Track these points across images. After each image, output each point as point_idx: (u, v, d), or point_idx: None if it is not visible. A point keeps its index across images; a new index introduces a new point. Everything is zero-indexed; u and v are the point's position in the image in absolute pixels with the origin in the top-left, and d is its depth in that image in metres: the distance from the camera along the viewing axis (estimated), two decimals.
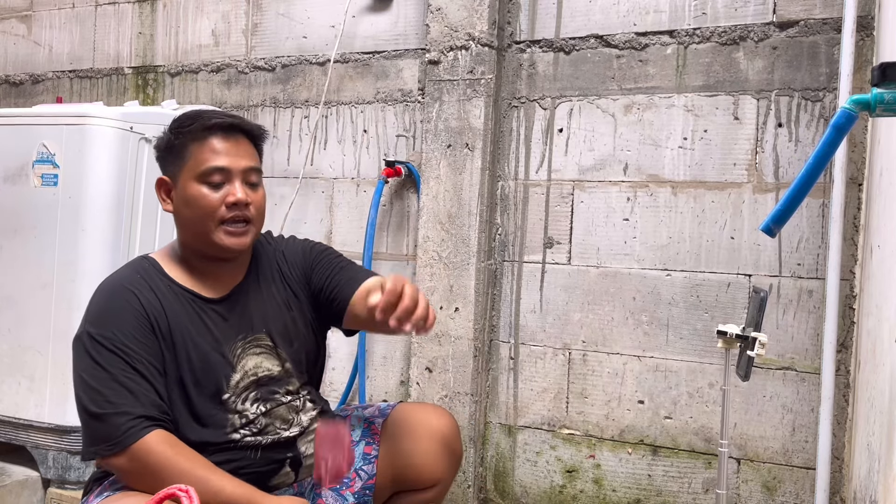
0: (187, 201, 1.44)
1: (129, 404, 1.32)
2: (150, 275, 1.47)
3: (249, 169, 1.46)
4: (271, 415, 1.49)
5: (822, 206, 2.08)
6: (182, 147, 1.44)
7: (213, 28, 2.92)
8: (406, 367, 2.54)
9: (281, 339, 1.53)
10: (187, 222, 1.46)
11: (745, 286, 2.16)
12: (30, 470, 2.40)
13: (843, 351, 2.03)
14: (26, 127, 2.42)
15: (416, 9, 2.56)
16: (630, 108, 2.29)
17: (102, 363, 1.35)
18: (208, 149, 1.43)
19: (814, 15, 2.09)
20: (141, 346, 1.37)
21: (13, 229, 2.41)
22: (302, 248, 1.64)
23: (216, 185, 1.43)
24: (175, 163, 1.46)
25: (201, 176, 1.42)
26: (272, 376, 1.51)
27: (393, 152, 2.60)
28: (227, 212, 1.43)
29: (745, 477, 2.17)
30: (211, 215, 1.42)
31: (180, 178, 1.45)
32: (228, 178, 1.44)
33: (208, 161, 1.42)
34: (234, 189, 1.43)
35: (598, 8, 2.33)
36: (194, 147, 1.43)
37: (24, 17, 3.33)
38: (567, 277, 2.37)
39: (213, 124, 1.44)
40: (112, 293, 1.43)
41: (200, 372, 1.43)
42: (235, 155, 1.45)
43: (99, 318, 1.39)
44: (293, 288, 1.59)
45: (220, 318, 1.48)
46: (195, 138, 1.44)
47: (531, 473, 2.41)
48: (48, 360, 2.33)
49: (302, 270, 1.60)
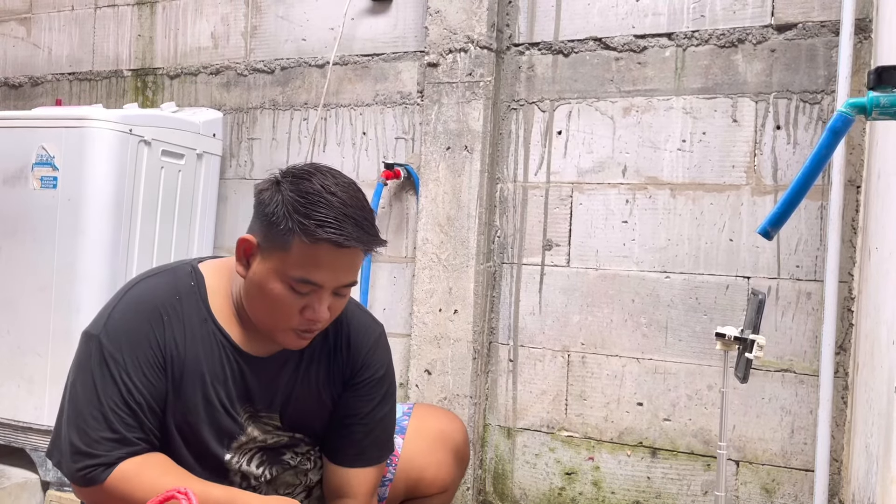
0: (264, 293, 1.25)
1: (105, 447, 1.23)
2: (190, 300, 1.31)
3: (346, 285, 1.28)
4: (276, 482, 1.41)
5: (820, 209, 2.08)
6: (287, 234, 1.21)
7: (213, 30, 2.92)
8: (405, 370, 2.54)
9: (294, 423, 1.41)
10: (255, 306, 1.29)
11: (743, 288, 2.16)
12: (29, 472, 2.40)
13: (842, 353, 2.03)
14: (25, 129, 2.42)
15: (415, 11, 2.57)
16: (629, 111, 2.30)
17: (98, 387, 1.24)
18: (313, 258, 1.21)
19: (812, 17, 2.09)
20: (145, 382, 1.26)
21: (12, 232, 2.41)
22: (368, 347, 1.44)
23: (303, 293, 1.24)
24: (271, 241, 1.23)
25: (291, 280, 1.22)
26: (280, 444, 1.42)
27: (392, 155, 2.60)
28: (301, 322, 1.26)
29: (744, 479, 2.17)
30: (283, 321, 1.26)
31: (269, 261, 1.24)
32: (318, 291, 1.24)
33: (307, 273, 1.22)
34: (319, 307, 1.25)
35: (596, 10, 2.34)
36: (301, 245, 1.20)
37: (24, 19, 3.33)
38: (566, 280, 2.37)
39: (332, 239, 1.20)
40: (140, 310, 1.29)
41: (205, 425, 1.32)
42: (337, 271, 1.24)
43: (116, 333, 1.27)
44: (334, 376, 1.42)
45: (242, 376, 1.34)
46: (307, 235, 1.20)
47: (530, 476, 2.41)
48: (47, 362, 2.33)
49: (349, 371, 1.43)
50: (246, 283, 1.29)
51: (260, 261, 1.25)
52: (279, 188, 1.25)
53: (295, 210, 1.20)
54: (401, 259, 2.59)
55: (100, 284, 2.33)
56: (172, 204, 2.59)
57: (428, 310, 2.43)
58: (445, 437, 1.63)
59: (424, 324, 2.43)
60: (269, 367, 1.36)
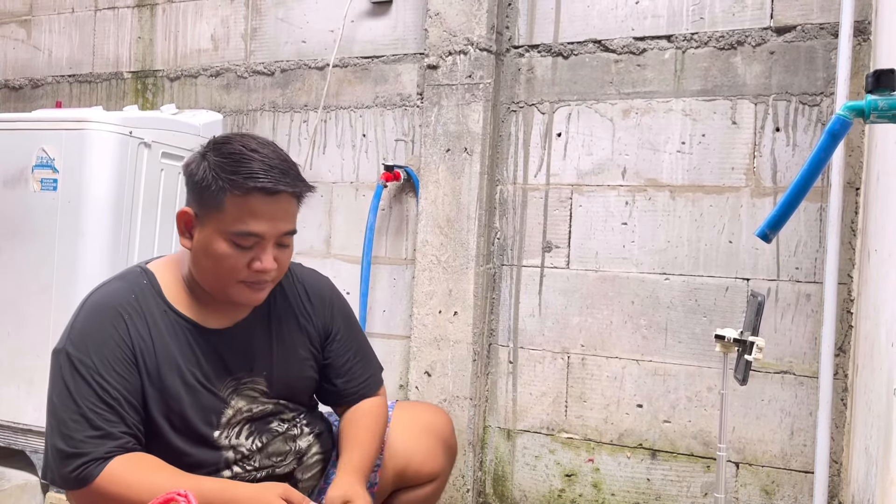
0: (209, 254, 1.31)
1: (91, 445, 1.24)
2: (146, 295, 1.36)
3: (285, 233, 1.35)
4: (267, 449, 1.43)
5: (819, 210, 2.08)
6: (219, 193, 1.28)
7: (213, 33, 2.93)
8: (405, 371, 2.54)
9: (280, 384, 1.46)
10: (204, 270, 1.34)
11: (743, 290, 2.17)
12: (29, 474, 2.40)
13: (841, 355, 2.03)
14: (26, 132, 2.42)
15: (415, 14, 2.57)
16: (628, 113, 2.30)
17: (74, 392, 1.27)
18: (248, 209, 1.28)
19: (811, 20, 2.10)
20: (119, 380, 1.28)
21: (12, 234, 2.41)
22: (328, 297, 1.55)
23: (246, 247, 1.30)
24: (207, 207, 1.30)
25: (233, 235, 1.29)
26: (266, 412, 1.44)
27: (392, 157, 2.61)
28: (250, 275, 1.32)
29: (744, 480, 2.17)
30: (232, 275, 1.32)
31: (208, 225, 1.30)
32: (260, 242, 1.31)
33: (245, 225, 1.28)
34: (265, 257, 1.31)
35: (596, 13, 2.34)
36: (233, 201, 1.28)
37: (24, 21, 3.33)
38: (566, 281, 2.37)
39: (259, 186, 1.28)
40: (100, 314, 1.32)
41: (189, 408, 1.34)
42: (275, 219, 1.31)
43: (81, 339, 1.30)
44: (310, 333, 1.50)
45: (214, 352, 1.38)
46: (236, 190, 1.27)
47: (530, 477, 2.41)
48: (47, 364, 2.32)
49: (324, 326, 1.52)
50: (192, 254, 1.35)
51: (200, 228, 1.32)
52: (204, 158, 1.33)
53: (222, 170, 1.28)
54: (400, 261, 2.59)
55: None
56: (172, 206, 2.59)
57: (428, 311, 2.43)
58: (431, 426, 1.65)
59: (424, 325, 2.44)
60: (239, 336, 1.41)
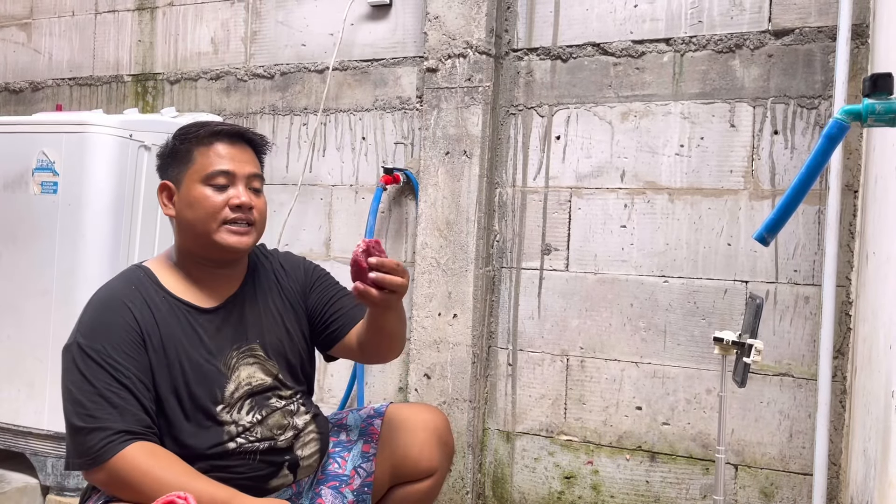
0: (191, 203, 1.46)
1: (110, 419, 1.32)
2: (145, 286, 1.48)
3: (253, 175, 1.51)
4: (267, 422, 1.50)
5: (818, 213, 2.09)
6: (187, 151, 1.48)
7: (213, 36, 2.93)
8: (405, 374, 2.54)
9: (274, 350, 1.56)
10: (189, 224, 1.47)
11: (741, 292, 2.17)
12: (29, 477, 2.41)
13: (840, 357, 2.04)
14: (26, 135, 2.43)
15: (414, 17, 2.58)
16: (627, 116, 2.31)
17: (89, 376, 1.35)
18: (213, 153, 1.47)
19: (809, 23, 2.11)
20: (130, 360, 1.38)
21: (13, 237, 2.42)
22: (303, 265, 1.69)
23: (221, 187, 1.46)
24: (179, 167, 1.49)
25: (206, 178, 1.46)
26: (265, 386, 1.52)
27: (391, 159, 2.61)
28: (231, 213, 1.46)
29: (743, 483, 2.17)
30: (214, 216, 1.45)
31: (184, 181, 1.48)
32: (233, 181, 1.47)
33: (213, 164, 1.46)
34: (239, 192, 1.47)
35: (594, 16, 2.35)
36: (200, 151, 1.47)
37: (24, 24, 3.34)
38: (565, 284, 2.38)
39: (218, 130, 1.49)
40: (106, 306, 1.44)
41: (195, 384, 1.44)
42: (240, 160, 1.49)
43: (91, 330, 1.40)
44: (291, 300, 1.62)
45: (213, 328, 1.49)
46: (201, 143, 1.48)
47: (529, 480, 2.41)
48: (47, 366, 2.34)
49: (301, 286, 1.64)
50: (176, 218, 1.50)
51: (178, 190, 1.49)
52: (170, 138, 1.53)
53: (186, 133, 1.50)
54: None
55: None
56: None
57: (427, 314, 2.43)
58: (427, 423, 1.69)
59: (424, 328, 2.44)
60: (232, 311, 1.53)
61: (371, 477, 1.64)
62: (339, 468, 1.64)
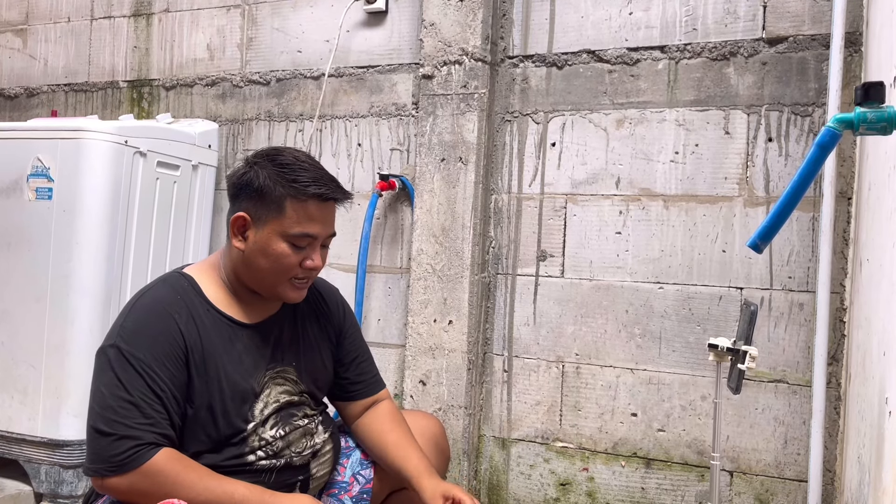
0: (267, 253, 1.44)
1: (141, 429, 1.33)
2: (190, 297, 1.46)
3: (331, 235, 1.51)
4: (288, 438, 1.51)
5: (812, 220, 2.10)
6: (280, 199, 1.42)
7: (209, 42, 2.94)
8: (400, 380, 2.54)
9: (307, 374, 1.57)
10: (258, 269, 1.46)
11: (736, 299, 2.18)
12: (22, 484, 2.39)
13: (834, 364, 2.04)
14: (21, 141, 2.42)
15: (410, 24, 2.58)
16: (622, 123, 2.31)
17: (125, 382, 1.35)
18: (306, 213, 1.43)
19: (802, 31, 2.12)
20: (168, 374, 1.37)
21: (7, 243, 2.41)
22: (341, 305, 1.71)
23: (300, 247, 1.45)
24: (266, 210, 1.43)
25: (291, 237, 1.43)
26: (292, 402, 1.54)
27: (387, 166, 2.61)
28: (301, 272, 1.47)
29: (738, 489, 2.17)
30: (286, 273, 1.46)
31: (267, 227, 1.43)
32: (312, 243, 1.46)
33: (303, 227, 1.43)
34: (315, 255, 1.47)
35: (590, 23, 2.35)
36: (293, 206, 1.43)
37: (20, 30, 3.34)
38: (560, 290, 2.38)
39: (319, 194, 1.44)
40: (153, 314, 1.42)
41: (230, 400, 1.44)
42: (326, 222, 1.48)
43: (134, 336, 1.38)
44: (329, 335, 1.65)
45: (252, 344, 1.50)
46: (297, 197, 1.43)
47: (525, 486, 2.41)
48: (41, 373, 2.33)
49: (337, 328, 1.67)
50: (245, 254, 1.46)
51: (255, 231, 1.45)
52: (258, 167, 1.46)
53: (282, 178, 1.43)
54: (395, 270, 2.59)
55: (95, 296, 2.33)
56: (168, 215, 2.59)
57: (423, 320, 2.43)
58: (423, 430, 1.72)
59: (419, 334, 2.44)
60: (271, 329, 1.54)
61: (370, 483, 1.65)
62: (338, 475, 1.65)
